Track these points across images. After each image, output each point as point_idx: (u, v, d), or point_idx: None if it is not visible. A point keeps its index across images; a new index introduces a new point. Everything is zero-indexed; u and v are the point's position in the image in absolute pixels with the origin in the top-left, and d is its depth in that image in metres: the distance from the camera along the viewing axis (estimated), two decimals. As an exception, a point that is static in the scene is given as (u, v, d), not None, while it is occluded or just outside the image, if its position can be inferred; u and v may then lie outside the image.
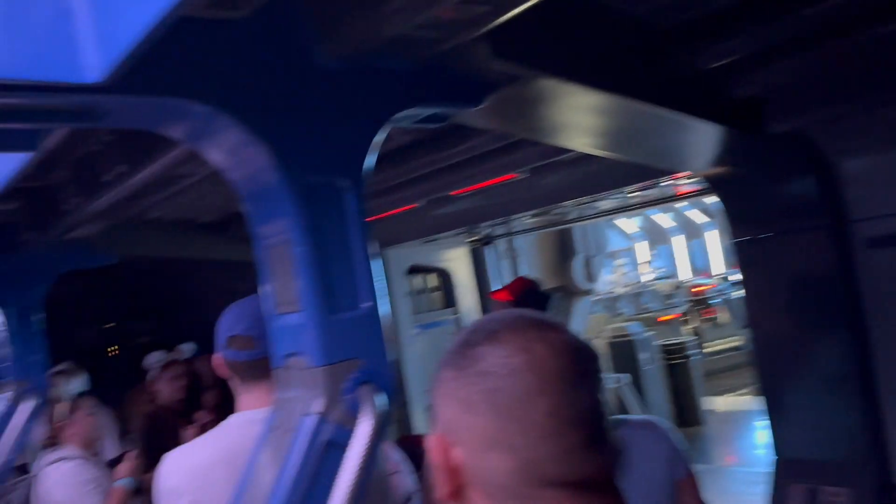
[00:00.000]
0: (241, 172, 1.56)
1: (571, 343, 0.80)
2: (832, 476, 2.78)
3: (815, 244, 2.77)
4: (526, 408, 0.75)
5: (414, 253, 5.78)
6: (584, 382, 0.78)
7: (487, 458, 0.77)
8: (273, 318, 1.60)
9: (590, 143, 2.45)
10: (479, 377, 0.78)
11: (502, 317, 0.83)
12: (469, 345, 0.81)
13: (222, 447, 1.78)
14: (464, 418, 0.79)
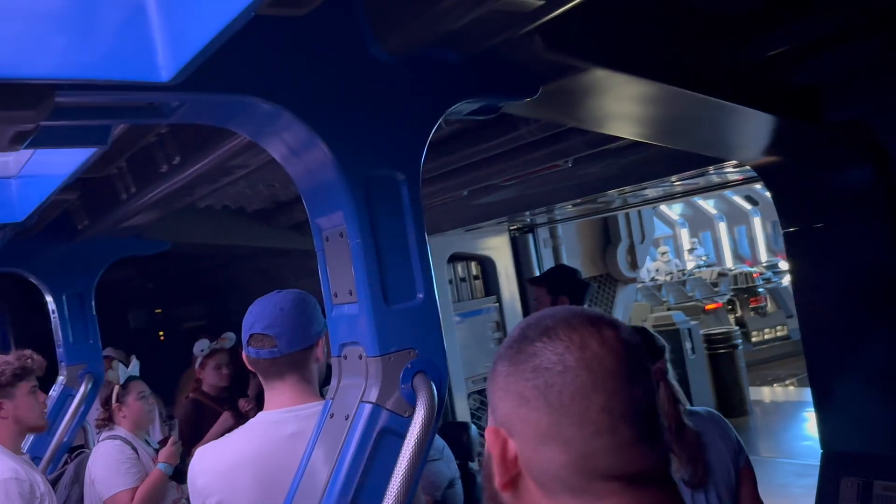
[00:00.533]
0: (301, 166, 1.60)
1: (625, 340, 0.81)
2: (885, 470, 2.73)
3: (869, 235, 2.71)
4: (580, 404, 0.76)
5: (455, 241, 5.80)
6: (637, 379, 0.79)
7: (542, 452, 0.79)
8: (330, 308, 1.64)
9: (640, 132, 2.44)
10: (534, 373, 0.79)
11: (557, 312, 0.84)
12: (525, 340, 0.83)
13: (247, 448, 1.82)
14: (519, 412, 0.81)
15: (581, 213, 6.38)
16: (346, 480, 1.49)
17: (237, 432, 1.90)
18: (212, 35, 1.11)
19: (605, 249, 7.94)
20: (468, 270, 6.08)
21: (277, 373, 1.86)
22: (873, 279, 2.75)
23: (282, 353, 1.82)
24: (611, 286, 8.06)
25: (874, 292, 2.76)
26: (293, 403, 1.85)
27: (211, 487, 1.79)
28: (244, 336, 1.90)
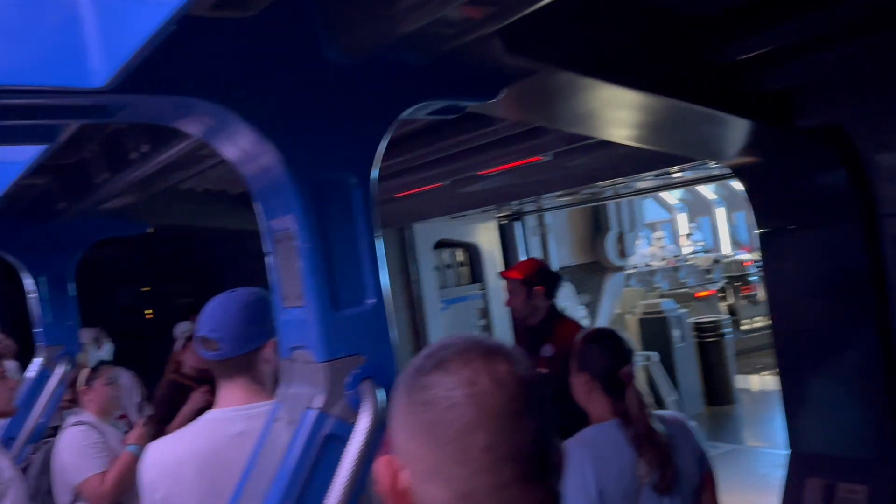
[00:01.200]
0: (251, 168, 1.58)
1: (518, 375, 0.79)
2: (850, 472, 2.75)
3: (841, 238, 2.70)
4: (463, 442, 0.75)
5: (442, 227, 5.79)
6: (526, 416, 0.77)
7: (426, 488, 0.79)
8: (280, 311, 1.63)
9: (612, 133, 2.42)
10: (423, 407, 0.78)
11: (456, 343, 0.83)
12: (420, 372, 0.81)
13: (194, 445, 1.81)
14: (409, 446, 0.80)
15: (570, 202, 6.37)
16: (289, 486, 1.49)
17: (187, 429, 1.90)
18: (144, 39, 1.09)
19: (594, 237, 7.94)
20: (454, 257, 6.07)
21: (225, 374, 1.86)
22: (845, 281, 2.75)
23: (226, 356, 1.82)
24: (599, 274, 8.06)
25: (846, 295, 2.76)
26: (242, 403, 1.84)
27: (157, 482, 1.80)
28: (195, 336, 1.90)
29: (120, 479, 3.27)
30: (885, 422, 2.66)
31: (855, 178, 2.64)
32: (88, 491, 3.31)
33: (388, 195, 4.63)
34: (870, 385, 2.69)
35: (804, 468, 2.88)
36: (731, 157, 2.79)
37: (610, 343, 2.33)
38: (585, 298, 7.79)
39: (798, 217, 2.80)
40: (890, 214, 2.64)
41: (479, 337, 0.85)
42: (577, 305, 7.43)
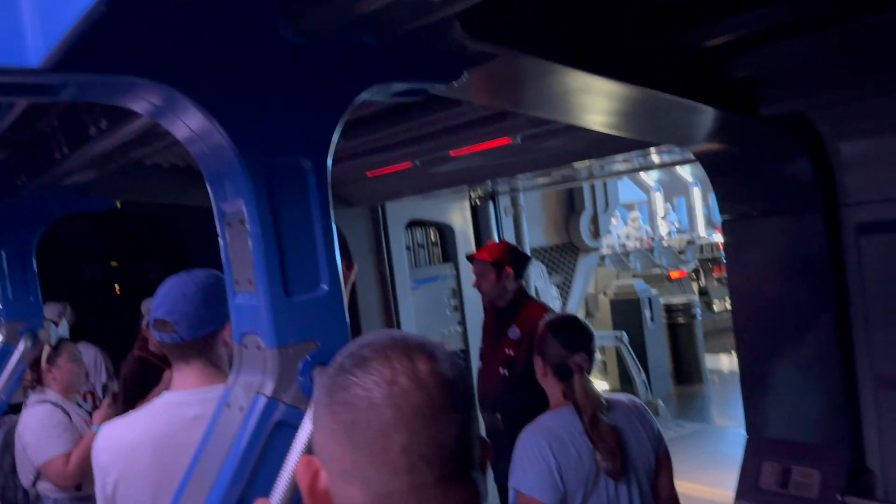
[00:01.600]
0: (201, 149, 1.54)
1: (440, 374, 0.78)
2: (804, 457, 2.81)
3: (804, 227, 2.73)
4: (381, 444, 0.75)
5: (414, 207, 5.75)
6: (446, 416, 0.77)
7: (344, 489, 0.78)
8: (232, 296, 1.61)
9: (578, 118, 2.40)
10: (342, 407, 0.77)
11: (377, 341, 0.81)
12: (341, 370, 0.80)
13: (148, 428, 1.80)
14: (327, 446, 0.79)
15: (544, 183, 6.35)
16: (237, 472, 1.48)
17: (141, 411, 1.88)
18: (78, 16, 1.05)
19: (568, 218, 7.95)
20: (426, 237, 6.05)
21: (181, 357, 1.84)
22: (806, 270, 2.79)
23: (183, 339, 1.80)
24: (573, 255, 8.09)
25: (806, 283, 2.80)
26: (198, 386, 1.83)
27: (111, 465, 1.78)
28: (150, 318, 1.87)
29: (84, 461, 3.24)
30: (839, 410, 2.72)
31: (818, 167, 2.66)
32: (51, 472, 3.28)
33: (360, 174, 4.58)
34: (826, 373, 2.74)
35: (761, 452, 2.93)
36: (696, 144, 2.80)
37: (567, 332, 2.36)
38: (558, 279, 7.82)
39: (761, 205, 2.82)
40: (851, 204, 2.67)
41: (402, 334, 0.84)
42: (550, 286, 7.46)
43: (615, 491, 2.26)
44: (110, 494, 1.78)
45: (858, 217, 2.65)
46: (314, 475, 0.81)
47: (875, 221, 2.62)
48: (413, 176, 4.72)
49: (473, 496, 0.79)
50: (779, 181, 2.78)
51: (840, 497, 2.62)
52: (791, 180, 2.73)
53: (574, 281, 8.10)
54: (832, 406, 2.75)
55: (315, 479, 0.81)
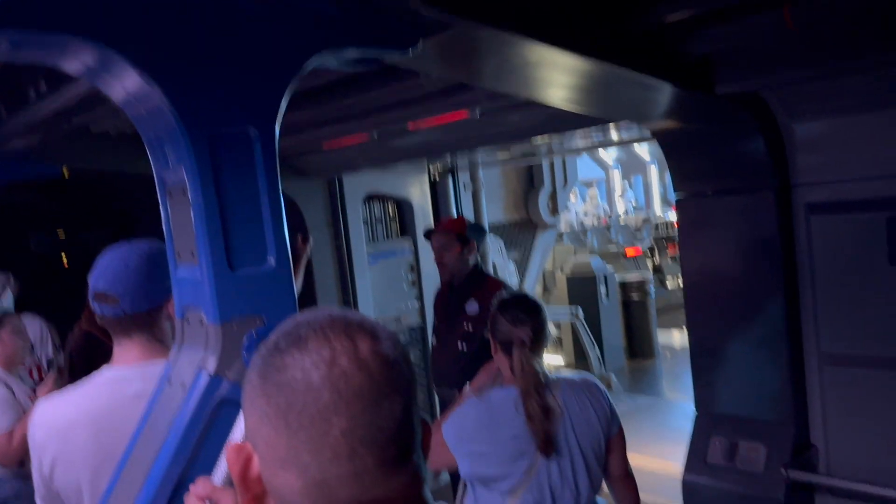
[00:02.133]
0: (139, 114, 1.47)
1: (382, 354, 0.75)
2: (751, 432, 2.87)
3: (756, 206, 2.76)
4: (319, 428, 0.71)
5: (372, 180, 5.67)
6: (387, 399, 0.73)
7: (279, 475, 0.74)
8: (174, 268, 1.54)
9: (537, 93, 2.37)
10: (277, 389, 0.73)
11: (316, 319, 0.77)
12: (276, 350, 0.75)
13: (87, 405, 1.73)
14: (261, 430, 0.74)
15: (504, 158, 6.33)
16: (178, 450, 1.43)
17: (79, 387, 1.81)
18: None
19: (527, 194, 7.96)
20: (384, 210, 5.98)
21: (123, 331, 1.77)
22: (757, 249, 2.82)
23: (125, 312, 1.73)
24: (531, 231, 8.11)
25: (757, 262, 2.83)
26: (141, 361, 1.77)
27: (47, 443, 1.71)
28: (89, 290, 1.80)
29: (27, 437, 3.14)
30: (786, 386, 2.77)
31: (771, 147, 2.68)
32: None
33: (316, 145, 4.49)
34: (774, 351, 2.79)
35: (709, 427, 2.99)
36: (653, 121, 2.79)
37: (513, 308, 2.36)
38: (516, 255, 7.84)
39: (715, 183, 2.84)
40: (802, 184, 2.71)
41: (342, 312, 0.79)
42: (508, 262, 7.48)
43: (559, 469, 2.27)
44: (48, 474, 1.72)
45: (809, 197, 2.69)
46: (246, 462, 0.77)
47: (825, 202, 2.66)
48: (370, 148, 4.65)
49: (415, 480, 0.77)
50: (733, 160, 2.79)
51: (784, 471, 2.69)
52: (745, 160, 2.75)
53: (532, 257, 8.14)
54: (779, 383, 2.80)
55: (247, 466, 0.77)
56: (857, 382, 2.62)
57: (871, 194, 2.53)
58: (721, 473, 2.86)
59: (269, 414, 0.73)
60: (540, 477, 2.26)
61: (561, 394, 2.33)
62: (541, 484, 2.26)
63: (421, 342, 6.04)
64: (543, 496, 2.27)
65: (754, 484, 2.75)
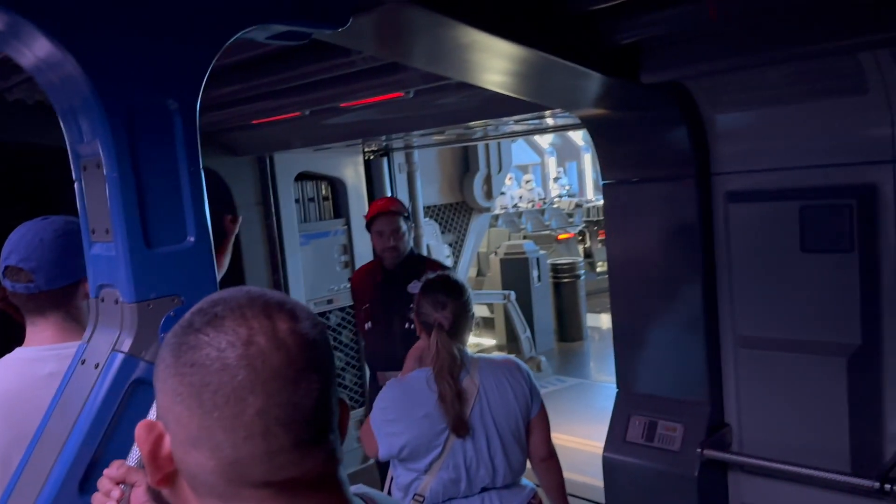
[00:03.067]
0: (52, 82, 1.41)
1: (301, 334, 0.75)
2: (669, 412, 2.97)
3: (678, 193, 2.84)
4: (233, 407, 0.71)
5: (304, 159, 5.58)
6: (305, 379, 0.73)
7: (191, 454, 0.74)
8: (88, 245, 1.49)
9: (468, 76, 2.38)
10: (191, 368, 0.72)
11: (233, 298, 0.76)
12: (190, 329, 0.75)
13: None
14: (173, 409, 0.74)
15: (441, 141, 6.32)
16: (91, 431, 1.39)
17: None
18: None
19: (462, 177, 7.99)
20: (317, 190, 5.90)
21: (37, 309, 1.70)
22: (678, 235, 2.91)
23: (40, 289, 1.67)
24: (466, 214, 8.15)
25: (678, 248, 2.92)
26: (55, 342, 1.71)
27: None
28: (1, 265, 1.72)
29: None
30: (703, 367, 2.88)
31: (693, 136, 2.77)
32: None
33: (246, 121, 4.39)
34: (693, 333, 2.89)
35: (629, 406, 3.08)
36: (582, 108, 2.84)
37: (433, 291, 2.38)
38: (450, 238, 7.87)
39: (639, 171, 2.91)
40: (721, 173, 2.80)
41: (260, 291, 0.79)
42: (442, 245, 7.51)
43: (473, 449, 2.31)
44: None
45: (728, 186, 2.79)
46: (156, 441, 0.76)
47: (743, 191, 2.76)
48: (303, 126, 4.57)
49: (331, 460, 0.77)
50: (657, 148, 2.87)
51: (699, 450, 2.80)
52: (668, 148, 2.82)
53: (466, 240, 8.18)
54: (697, 364, 2.91)
55: (158, 445, 0.76)
56: (769, 364, 2.75)
57: (787, 184, 2.64)
58: (639, 451, 2.96)
59: (181, 393, 0.73)
60: (455, 455, 2.29)
61: (479, 374, 2.36)
62: (456, 462, 2.30)
63: (353, 323, 6.01)
64: (459, 474, 2.30)
65: (671, 462, 2.86)
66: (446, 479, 2.30)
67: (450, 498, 2.33)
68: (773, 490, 2.81)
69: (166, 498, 0.82)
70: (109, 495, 1.25)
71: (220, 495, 0.74)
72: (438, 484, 2.29)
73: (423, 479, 2.30)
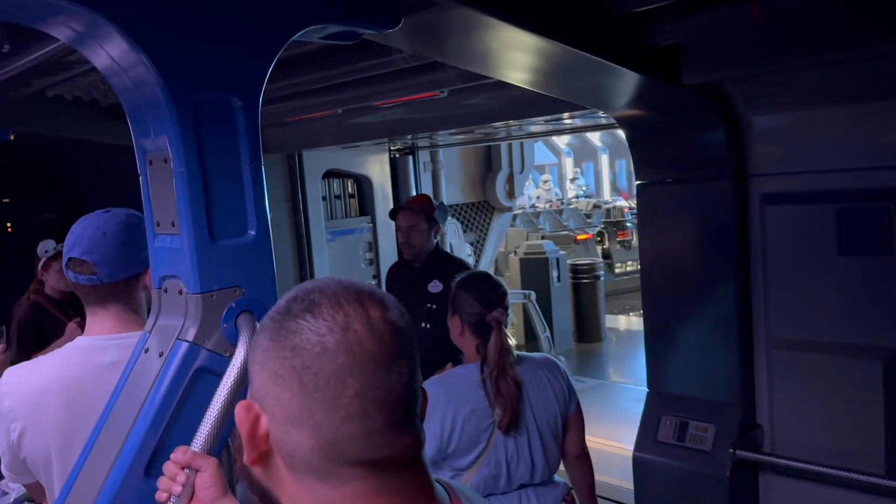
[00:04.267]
0: (123, 81, 1.45)
1: (391, 322, 0.79)
2: (701, 412, 2.98)
3: (714, 194, 2.85)
4: (333, 389, 0.74)
5: (332, 156, 5.64)
6: (396, 364, 0.77)
7: (291, 434, 0.77)
8: (152, 237, 1.54)
9: (507, 75, 2.41)
10: (293, 352, 0.76)
11: (327, 287, 0.80)
12: (288, 314, 0.78)
13: (60, 373, 1.71)
14: (273, 391, 0.77)
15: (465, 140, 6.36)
16: (155, 419, 1.44)
17: (52, 355, 1.78)
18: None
19: (485, 177, 8.02)
20: (344, 188, 5.96)
21: (98, 300, 1.75)
22: (713, 236, 2.92)
23: (102, 281, 1.71)
24: (488, 213, 8.18)
25: (713, 249, 2.93)
26: (115, 331, 1.75)
27: (16, 412, 1.68)
28: (63, 257, 1.77)
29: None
30: (735, 368, 2.89)
31: (731, 137, 2.78)
32: None
33: (279, 118, 4.45)
34: (726, 334, 2.90)
35: (660, 406, 3.09)
36: (618, 109, 2.86)
37: (481, 289, 2.39)
38: (472, 237, 7.91)
39: (676, 171, 2.93)
40: (757, 175, 2.81)
41: (350, 281, 0.83)
42: (464, 244, 7.54)
43: (515, 446, 2.33)
44: (16, 441, 1.70)
45: (764, 188, 2.79)
46: (254, 420, 0.80)
47: (779, 193, 2.77)
48: (334, 125, 4.63)
49: (417, 442, 0.81)
50: (693, 149, 2.88)
51: (732, 450, 2.81)
52: (704, 149, 2.84)
53: (487, 239, 8.21)
54: (729, 365, 2.92)
55: (255, 425, 0.79)
56: (803, 366, 2.75)
57: (823, 186, 2.64)
58: (670, 451, 2.97)
59: (282, 375, 0.76)
60: (497, 452, 2.31)
61: (521, 372, 2.38)
62: (498, 459, 2.31)
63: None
64: (500, 470, 2.32)
65: (702, 462, 2.87)
66: (486, 475, 2.31)
67: (489, 494, 2.35)
68: (805, 492, 2.82)
69: (257, 477, 0.85)
70: (175, 479, 1.29)
71: (317, 473, 0.77)
72: (479, 480, 2.31)
73: (464, 476, 2.32)
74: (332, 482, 0.77)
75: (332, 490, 0.78)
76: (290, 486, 0.81)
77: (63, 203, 7.32)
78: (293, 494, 0.81)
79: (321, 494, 0.78)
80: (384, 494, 0.78)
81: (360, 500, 0.78)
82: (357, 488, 0.77)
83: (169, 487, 1.30)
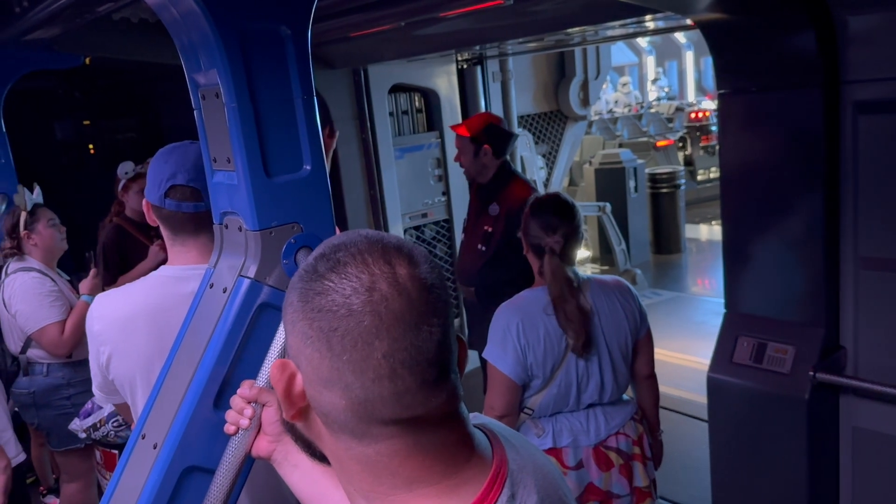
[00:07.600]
0: (171, 16, 1.42)
1: (420, 279, 0.76)
2: (780, 333, 2.88)
3: (801, 103, 2.64)
4: (361, 350, 0.73)
5: (398, 71, 5.52)
6: (427, 322, 0.75)
7: (323, 394, 0.77)
8: (210, 173, 1.54)
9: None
10: (318, 314, 0.74)
11: (355, 242, 0.77)
12: (315, 274, 0.76)
13: (145, 301, 1.77)
14: (304, 351, 0.77)
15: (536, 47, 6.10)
16: (223, 352, 1.47)
17: (137, 284, 1.86)
18: None
19: (558, 84, 7.72)
20: (411, 103, 5.85)
21: (192, 229, 1.78)
22: (799, 148, 2.73)
23: (208, 207, 1.72)
24: (560, 123, 7.93)
25: (799, 161, 2.75)
26: (198, 262, 1.79)
27: (105, 335, 1.78)
28: (157, 185, 1.78)
29: (78, 329, 3.26)
30: (819, 288, 2.75)
31: (821, 41, 2.54)
32: (47, 340, 3.32)
33: (344, 34, 4.36)
34: (809, 252, 2.75)
35: (737, 326, 3.00)
36: (698, 11, 2.64)
37: (545, 213, 2.36)
38: (544, 149, 7.71)
39: (760, 79, 2.72)
40: (852, 81, 2.58)
41: (378, 235, 0.79)
42: (535, 156, 7.37)
43: (585, 367, 2.34)
44: (104, 363, 1.80)
45: (859, 95, 2.57)
46: (290, 379, 0.80)
47: (875, 101, 2.54)
48: (398, 38, 4.50)
49: (453, 398, 0.79)
50: (781, 55, 2.65)
51: (812, 373, 2.71)
52: (793, 54, 2.61)
53: (560, 150, 7.99)
54: (812, 284, 2.78)
55: (291, 383, 0.80)
56: (893, 286, 2.59)
57: (927, 93, 2.41)
58: (747, 373, 2.90)
59: (311, 336, 0.75)
60: (569, 373, 2.33)
61: (591, 294, 2.35)
62: (569, 379, 2.33)
63: (447, 237, 6.06)
64: (570, 390, 2.35)
65: (780, 384, 2.79)
66: (556, 394, 2.34)
67: (556, 412, 2.38)
68: (889, 415, 2.71)
69: (301, 430, 0.87)
70: (242, 413, 1.34)
71: (351, 431, 0.77)
72: (549, 398, 2.34)
73: (534, 398, 2.34)
74: (367, 440, 0.77)
75: (367, 448, 0.78)
76: (330, 443, 0.82)
77: (140, 123, 7.52)
78: (332, 450, 0.82)
79: (358, 452, 0.78)
80: (420, 451, 0.78)
81: (396, 457, 0.77)
82: (392, 446, 0.77)
83: (237, 420, 1.34)
